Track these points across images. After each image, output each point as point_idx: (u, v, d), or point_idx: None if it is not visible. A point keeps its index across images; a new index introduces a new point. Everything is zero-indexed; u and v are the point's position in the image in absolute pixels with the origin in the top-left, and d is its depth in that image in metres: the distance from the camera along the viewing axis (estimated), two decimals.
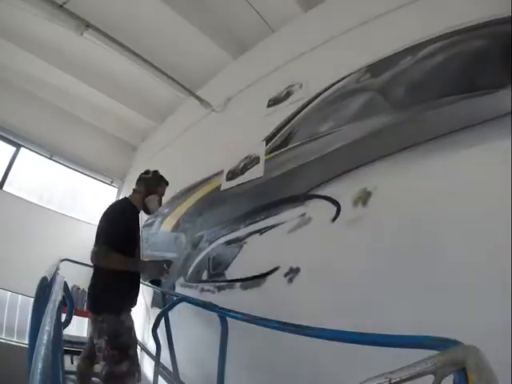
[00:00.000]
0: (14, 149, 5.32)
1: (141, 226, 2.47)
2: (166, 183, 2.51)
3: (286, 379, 2.01)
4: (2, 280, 4.33)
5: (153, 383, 2.61)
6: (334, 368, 1.76)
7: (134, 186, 2.44)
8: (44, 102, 5.50)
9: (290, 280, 2.24)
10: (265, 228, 2.60)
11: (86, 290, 2.22)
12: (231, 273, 2.75)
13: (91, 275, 2.16)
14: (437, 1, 2.24)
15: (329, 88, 2.68)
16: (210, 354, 2.09)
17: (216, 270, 2.89)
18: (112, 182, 6.49)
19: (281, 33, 3.83)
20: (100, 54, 4.19)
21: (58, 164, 5.82)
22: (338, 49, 2.86)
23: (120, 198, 2.42)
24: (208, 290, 2.89)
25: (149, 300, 3.77)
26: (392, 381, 0.64)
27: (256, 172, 2.95)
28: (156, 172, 2.50)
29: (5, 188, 5.09)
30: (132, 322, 2.12)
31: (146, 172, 2.48)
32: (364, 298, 1.80)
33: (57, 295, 1.35)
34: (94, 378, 2.37)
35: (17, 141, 5.31)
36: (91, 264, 2.07)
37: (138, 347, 2.43)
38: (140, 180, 2.43)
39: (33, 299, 1.53)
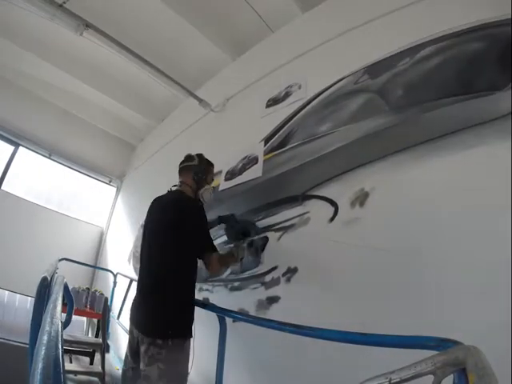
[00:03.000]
0: (12, 148, 5.31)
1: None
2: (213, 166, 2.18)
3: (286, 379, 2.01)
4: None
5: None
6: (333, 368, 1.77)
7: (180, 178, 2.06)
8: (43, 100, 5.49)
9: (288, 280, 2.24)
10: (263, 228, 2.60)
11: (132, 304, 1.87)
12: (229, 272, 2.75)
13: (141, 287, 1.82)
14: (435, 3, 2.25)
15: (327, 89, 2.68)
16: (208, 353, 2.09)
17: None
18: (110, 182, 6.48)
19: (280, 33, 3.83)
20: (99, 54, 4.17)
21: (57, 163, 5.80)
22: (337, 50, 2.87)
23: (175, 190, 2.01)
24: (207, 290, 2.89)
25: None
26: (392, 381, 0.65)
27: (255, 172, 2.95)
28: (201, 155, 2.10)
29: (3, 187, 5.08)
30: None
31: (190, 158, 2.07)
32: (362, 298, 1.81)
33: (57, 295, 1.35)
34: None
35: (15, 140, 5.30)
36: (88, 263, 1.95)
37: None
38: (185, 169, 2.04)
39: (31, 298, 1.53)
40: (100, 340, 3.38)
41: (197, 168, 2.01)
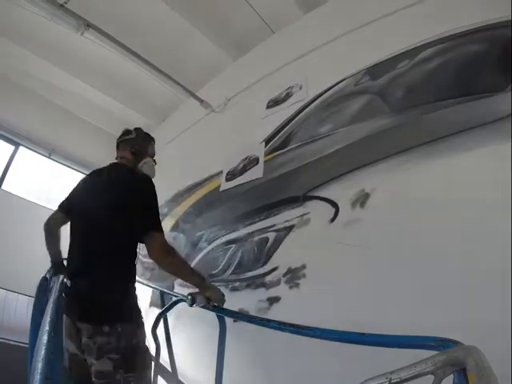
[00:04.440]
0: (12, 147, 5.31)
1: None
2: (153, 140, 1.99)
3: (286, 379, 2.01)
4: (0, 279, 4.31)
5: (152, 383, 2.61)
6: (333, 368, 1.77)
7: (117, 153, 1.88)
8: (43, 100, 5.48)
9: (289, 280, 2.24)
10: (264, 228, 2.60)
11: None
12: (230, 272, 2.75)
13: (77, 269, 1.48)
14: (435, 5, 2.25)
15: (328, 90, 2.69)
16: (208, 354, 2.09)
17: (215, 270, 2.89)
18: None
19: (281, 34, 3.84)
20: (100, 53, 4.17)
21: (57, 163, 5.80)
22: (338, 51, 2.88)
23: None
24: None
25: (147, 300, 3.76)
26: (392, 381, 0.64)
27: (255, 173, 2.96)
28: (139, 129, 1.92)
29: (3, 187, 5.07)
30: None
31: (127, 132, 1.86)
32: (363, 299, 1.81)
33: (57, 295, 1.35)
34: None
35: (15, 139, 5.29)
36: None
37: None
38: (123, 143, 1.84)
39: (31, 298, 1.52)
40: None
41: (134, 141, 1.83)
